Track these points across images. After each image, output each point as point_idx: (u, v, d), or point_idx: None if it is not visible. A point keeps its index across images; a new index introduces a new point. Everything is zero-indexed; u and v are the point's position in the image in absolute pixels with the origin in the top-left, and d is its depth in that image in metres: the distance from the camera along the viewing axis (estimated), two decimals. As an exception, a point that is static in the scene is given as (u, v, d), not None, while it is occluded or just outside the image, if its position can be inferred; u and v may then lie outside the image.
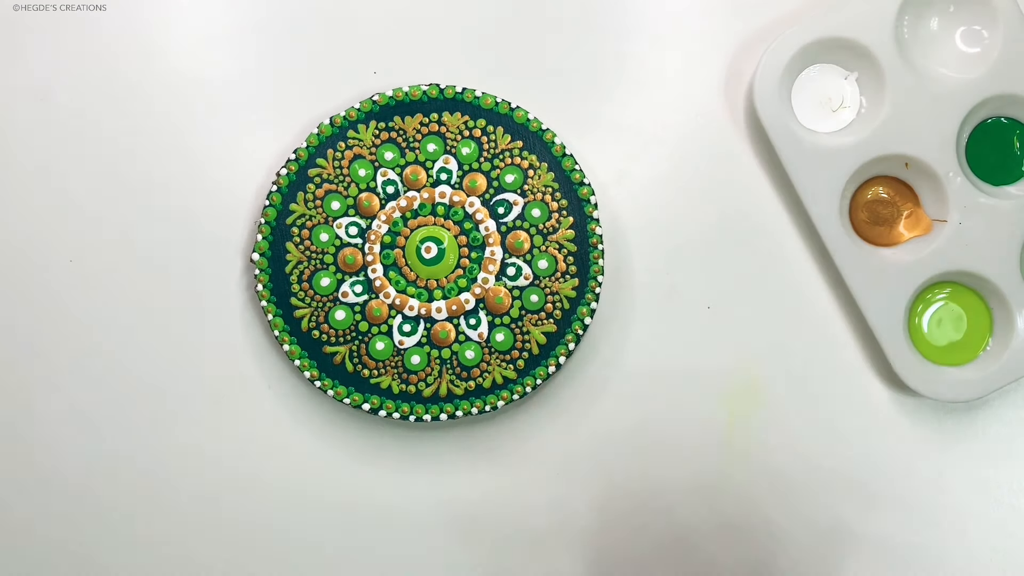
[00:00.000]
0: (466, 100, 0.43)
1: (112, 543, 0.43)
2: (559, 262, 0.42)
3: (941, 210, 0.44)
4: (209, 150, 0.44)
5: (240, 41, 0.44)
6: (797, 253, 0.45)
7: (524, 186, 0.43)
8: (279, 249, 0.42)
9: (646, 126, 0.45)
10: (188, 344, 0.43)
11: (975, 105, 0.43)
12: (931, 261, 0.43)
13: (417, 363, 0.42)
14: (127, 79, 0.44)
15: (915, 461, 0.45)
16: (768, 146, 0.44)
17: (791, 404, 0.44)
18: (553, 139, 0.43)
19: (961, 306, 0.44)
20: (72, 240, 0.43)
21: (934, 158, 0.43)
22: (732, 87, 0.45)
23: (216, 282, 0.43)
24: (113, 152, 0.44)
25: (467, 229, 0.42)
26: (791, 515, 0.44)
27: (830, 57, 0.44)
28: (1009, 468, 0.45)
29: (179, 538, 0.43)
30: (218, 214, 0.43)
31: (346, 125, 0.42)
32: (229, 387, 0.43)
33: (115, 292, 0.43)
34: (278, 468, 0.43)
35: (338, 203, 0.42)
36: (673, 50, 0.45)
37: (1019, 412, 0.45)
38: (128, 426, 0.43)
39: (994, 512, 0.45)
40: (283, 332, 0.42)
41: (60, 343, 0.43)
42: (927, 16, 0.44)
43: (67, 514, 0.43)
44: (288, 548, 0.43)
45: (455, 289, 0.42)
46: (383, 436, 0.44)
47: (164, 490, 0.43)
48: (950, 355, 0.44)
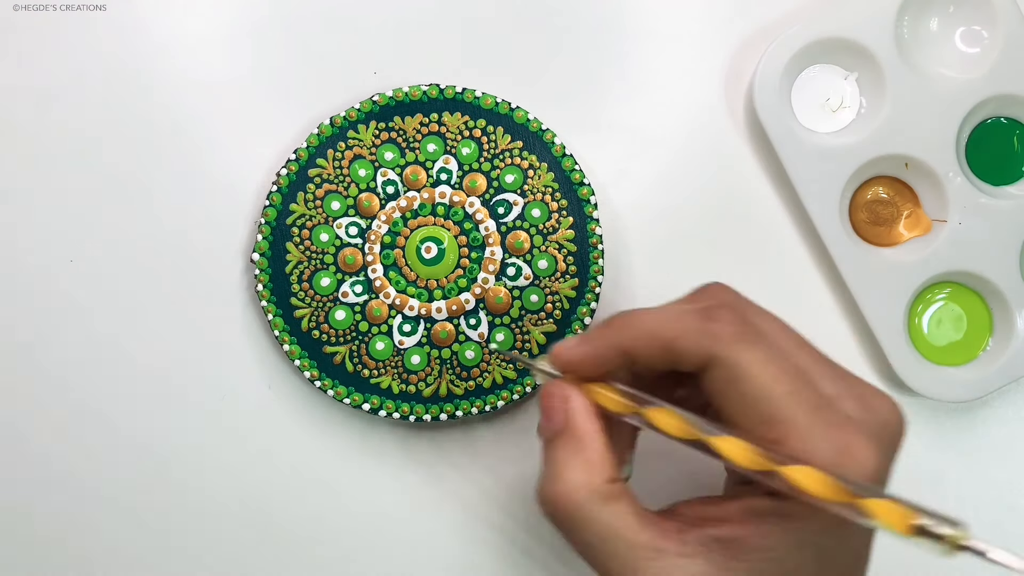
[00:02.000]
0: (466, 100, 0.43)
1: (112, 543, 0.43)
2: (559, 262, 0.42)
3: (941, 210, 0.44)
4: (209, 150, 0.44)
5: (240, 41, 0.44)
6: (797, 253, 0.45)
7: (524, 186, 0.43)
8: (279, 249, 0.42)
9: (646, 126, 0.45)
10: (188, 344, 0.43)
11: (975, 105, 0.43)
12: (931, 261, 0.43)
13: (417, 363, 0.42)
14: (127, 79, 0.44)
15: (915, 461, 0.45)
16: (768, 146, 0.44)
17: (791, 404, 0.44)
18: (553, 139, 0.43)
19: (961, 306, 0.45)
20: (72, 240, 0.43)
21: (934, 158, 0.43)
22: (732, 87, 0.45)
23: (216, 282, 0.43)
24: (113, 152, 0.44)
25: (467, 229, 0.42)
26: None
27: (830, 57, 0.44)
28: (1009, 468, 0.45)
29: (179, 538, 0.43)
30: (218, 214, 0.43)
31: (346, 125, 0.42)
32: (229, 387, 0.43)
33: (115, 292, 0.43)
34: (278, 468, 0.43)
35: (338, 203, 0.42)
36: (673, 50, 0.45)
37: (1019, 412, 0.45)
38: (128, 426, 0.43)
39: (994, 512, 0.45)
40: (283, 332, 0.42)
41: (60, 343, 0.43)
42: (927, 16, 0.44)
43: (66, 514, 0.43)
44: (288, 548, 0.43)
45: (455, 289, 0.42)
46: (383, 436, 0.44)
47: (164, 489, 0.43)
48: (950, 355, 0.44)
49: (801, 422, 0.29)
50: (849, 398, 0.31)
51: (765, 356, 0.30)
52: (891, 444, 0.31)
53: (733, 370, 0.30)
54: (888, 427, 0.31)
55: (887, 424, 0.31)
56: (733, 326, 0.30)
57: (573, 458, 0.31)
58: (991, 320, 0.44)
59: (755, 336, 0.30)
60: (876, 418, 0.31)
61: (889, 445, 0.31)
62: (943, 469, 0.45)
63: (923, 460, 0.45)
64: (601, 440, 0.31)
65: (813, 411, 0.29)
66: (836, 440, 0.29)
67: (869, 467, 0.29)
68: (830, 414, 0.30)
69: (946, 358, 0.44)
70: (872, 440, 0.30)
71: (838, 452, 0.29)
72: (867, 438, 0.30)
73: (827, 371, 0.31)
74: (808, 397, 0.30)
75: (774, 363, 0.30)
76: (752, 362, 0.30)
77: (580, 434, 0.31)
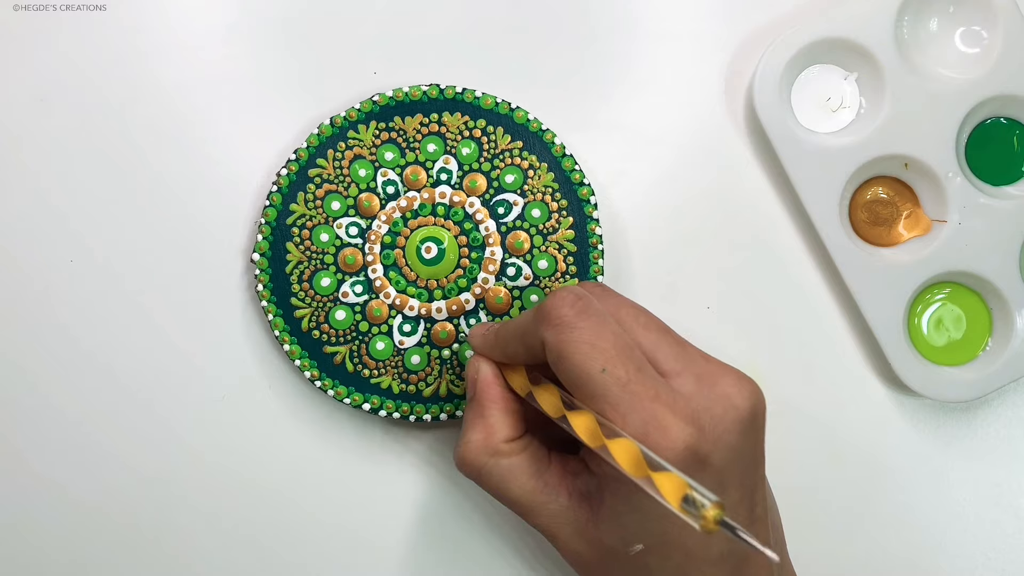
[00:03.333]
0: (466, 100, 0.43)
1: (111, 543, 0.43)
2: (559, 262, 0.42)
3: (941, 210, 0.44)
4: (209, 150, 0.44)
5: (240, 41, 0.44)
6: (797, 253, 0.45)
7: (524, 186, 0.43)
8: (279, 249, 0.42)
9: (646, 126, 0.45)
10: (188, 344, 0.43)
11: (975, 105, 0.43)
12: (930, 261, 0.43)
13: (417, 363, 0.42)
14: (127, 79, 0.44)
15: (915, 461, 0.45)
16: (768, 146, 0.44)
17: (790, 404, 0.44)
18: (553, 139, 0.43)
19: (961, 306, 0.45)
20: (72, 240, 0.43)
21: (934, 158, 0.43)
22: (732, 87, 0.45)
23: (216, 282, 0.43)
24: (113, 152, 0.44)
25: (467, 229, 0.42)
26: (790, 515, 0.44)
27: (830, 57, 0.44)
28: (1009, 468, 0.45)
29: (179, 538, 0.43)
30: (218, 214, 0.43)
31: (346, 125, 0.42)
32: (229, 387, 0.43)
33: (115, 292, 0.43)
34: (278, 468, 0.43)
35: (338, 203, 0.42)
36: (673, 50, 0.45)
37: (1019, 412, 0.45)
38: (128, 426, 0.43)
39: (994, 512, 0.45)
40: (283, 332, 0.42)
41: (59, 343, 0.43)
42: (927, 16, 0.44)
43: (65, 514, 0.43)
44: (288, 548, 0.43)
45: (455, 289, 0.42)
46: (383, 436, 0.44)
47: (164, 489, 0.43)
48: (950, 355, 0.44)
49: (612, 397, 0.31)
50: (688, 375, 0.33)
51: (586, 336, 0.32)
52: (721, 422, 0.32)
53: (555, 351, 0.33)
54: (721, 405, 0.32)
55: (723, 402, 0.32)
56: (563, 311, 0.33)
57: (476, 421, 0.36)
58: (991, 320, 0.44)
59: (581, 319, 0.33)
60: (708, 395, 0.32)
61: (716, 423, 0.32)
62: (943, 469, 0.45)
63: (923, 460, 0.45)
64: (501, 406, 0.36)
65: (623, 387, 0.31)
66: (644, 414, 0.31)
67: (679, 442, 0.31)
68: (643, 389, 0.31)
69: (946, 358, 0.44)
70: (686, 417, 0.31)
71: (646, 426, 0.31)
72: (678, 414, 0.31)
73: (672, 350, 0.34)
74: (621, 374, 0.32)
75: (594, 343, 0.32)
76: (569, 342, 0.32)
77: (483, 401, 0.36)
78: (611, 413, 0.31)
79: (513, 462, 0.36)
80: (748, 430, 0.33)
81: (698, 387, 0.32)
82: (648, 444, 0.30)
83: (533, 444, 0.36)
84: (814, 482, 0.44)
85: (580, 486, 0.35)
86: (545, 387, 0.35)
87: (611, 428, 0.31)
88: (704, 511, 0.27)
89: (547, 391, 0.34)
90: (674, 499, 0.28)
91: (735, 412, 0.32)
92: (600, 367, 0.32)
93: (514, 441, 0.36)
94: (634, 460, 0.30)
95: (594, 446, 0.31)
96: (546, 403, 0.34)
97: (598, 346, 0.32)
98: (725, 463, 0.32)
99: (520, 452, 0.36)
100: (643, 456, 0.30)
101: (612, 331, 0.33)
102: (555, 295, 0.34)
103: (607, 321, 0.33)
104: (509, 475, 0.35)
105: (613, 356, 0.32)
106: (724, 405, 0.32)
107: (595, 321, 0.33)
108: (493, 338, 0.37)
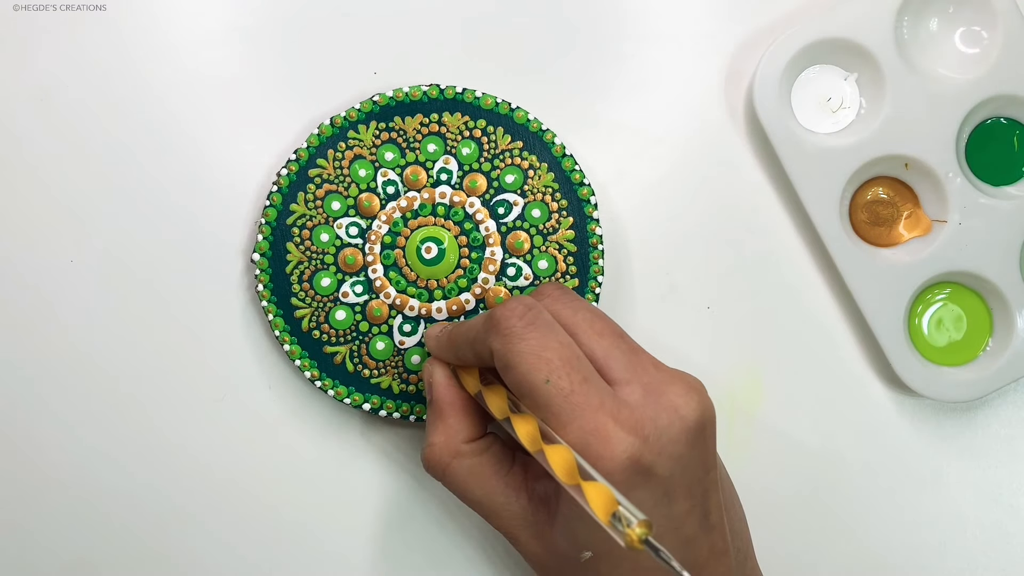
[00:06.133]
0: (466, 100, 0.43)
1: (111, 542, 0.43)
2: (559, 262, 0.42)
3: (941, 210, 0.44)
4: (209, 150, 0.44)
5: (240, 41, 0.44)
6: (797, 253, 0.45)
7: (524, 186, 0.43)
8: (279, 249, 0.42)
9: (646, 126, 0.45)
10: (188, 344, 0.43)
11: (975, 105, 0.43)
12: (931, 261, 0.43)
13: (417, 363, 0.42)
14: (127, 79, 0.44)
15: (915, 461, 0.45)
16: (768, 146, 0.44)
17: (790, 405, 0.44)
18: (553, 139, 0.43)
19: (961, 306, 0.45)
20: (72, 240, 0.43)
21: (934, 158, 0.43)
22: (732, 87, 0.45)
23: (216, 282, 0.43)
24: (113, 152, 0.44)
25: (467, 229, 0.42)
26: (790, 515, 0.44)
27: (830, 57, 0.44)
28: (1009, 468, 0.45)
29: (179, 538, 0.43)
30: (218, 214, 0.43)
31: (346, 125, 0.42)
32: (229, 387, 0.43)
33: (115, 292, 0.43)
34: (278, 468, 0.43)
35: (338, 203, 0.42)
36: (673, 50, 0.45)
37: (1019, 412, 0.45)
38: (128, 426, 0.43)
39: (994, 512, 0.45)
40: (283, 332, 0.42)
41: (59, 343, 0.43)
42: (927, 17, 0.44)
43: (65, 514, 0.43)
44: (288, 547, 0.43)
45: (455, 289, 0.42)
46: (383, 436, 0.44)
47: (164, 490, 0.43)
48: (950, 355, 0.44)
49: (555, 408, 0.31)
50: (636, 384, 0.33)
51: (532, 347, 0.32)
52: (666, 433, 0.32)
53: (502, 361, 0.33)
54: (668, 415, 0.32)
55: (669, 412, 0.32)
56: (511, 322, 0.33)
57: (436, 423, 0.37)
58: (991, 320, 0.44)
59: (529, 330, 0.33)
60: (655, 405, 0.32)
61: (661, 433, 0.32)
62: (943, 469, 0.45)
63: (923, 460, 0.45)
64: (459, 407, 0.37)
65: (565, 397, 0.31)
66: (586, 424, 0.31)
67: (620, 452, 0.31)
68: (586, 400, 0.31)
69: (946, 358, 0.44)
70: (630, 427, 0.31)
71: (587, 436, 0.31)
72: (622, 424, 0.31)
73: (624, 358, 0.33)
74: (564, 385, 0.32)
75: (539, 354, 0.32)
76: (516, 353, 0.32)
77: (441, 404, 0.37)
78: (553, 422, 0.32)
79: (475, 463, 0.36)
80: (695, 440, 0.33)
81: (645, 397, 0.32)
82: (589, 454, 0.31)
83: (496, 446, 0.37)
84: (814, 482, 0.44)
85: (540, 490, 0.35)
86: (494, 389, 0.35)
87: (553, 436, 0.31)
88: (629, 529, 0.27)
89: (495, 393, 0.35)
90: (603, 512, 0.28)
91: (681, 422, 0.32)
92: (544, 378, 0.32)
93: (475, 442, 0.36)
94: (568, 468, 0.30)
95: (532, 450, 0.31)
96: (493, 405, 0.35)
97: (543, 357, 0.32)
98: (671, 473, 0.32)
99: (482, 453, 0.36)
100: (577, 465, 0.30)
101: (559, 342, 0.33)
102: (505, 305, 0.34)
103: (554, 332, 0.33)
104: (471, 476, 0.36)
105: (558, 367, 0.32)
106: (670, 415, 0.32)
107: (542, 332, 0.33)
108: (446, 340, 0.37)
